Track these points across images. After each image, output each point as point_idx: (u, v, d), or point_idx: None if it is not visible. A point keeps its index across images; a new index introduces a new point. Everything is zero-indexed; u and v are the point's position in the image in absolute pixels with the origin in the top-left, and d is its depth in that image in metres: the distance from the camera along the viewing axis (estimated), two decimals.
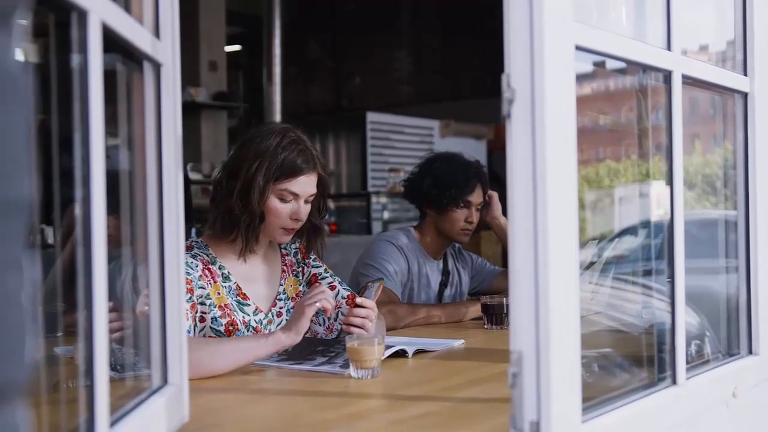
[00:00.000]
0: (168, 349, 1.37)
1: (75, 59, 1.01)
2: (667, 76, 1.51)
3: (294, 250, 2.44)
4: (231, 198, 2.17)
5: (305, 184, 2.22)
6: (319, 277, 2.42)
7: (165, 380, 1.37)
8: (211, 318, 2.16)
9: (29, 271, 0.58)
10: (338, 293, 2.37)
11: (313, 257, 2.45)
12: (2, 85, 0.56)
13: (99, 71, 1.02)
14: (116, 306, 1.25)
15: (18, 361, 0.57)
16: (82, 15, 0.99)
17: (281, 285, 2.36)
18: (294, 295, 2.37)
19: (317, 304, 1.99)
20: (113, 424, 1.09)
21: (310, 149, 2.24)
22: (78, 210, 1.01)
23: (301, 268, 2.42)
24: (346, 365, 1.92)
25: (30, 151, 0.59)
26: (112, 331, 1.36)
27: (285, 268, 2.39)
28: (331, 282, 2.40)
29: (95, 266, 1.00)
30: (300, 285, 2.40)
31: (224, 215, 2.20)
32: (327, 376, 1.91)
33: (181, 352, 1.39)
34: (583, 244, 1.29)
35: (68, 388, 1.42)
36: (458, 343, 2.36)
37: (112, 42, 1.11)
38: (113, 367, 1.23)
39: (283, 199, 2.20)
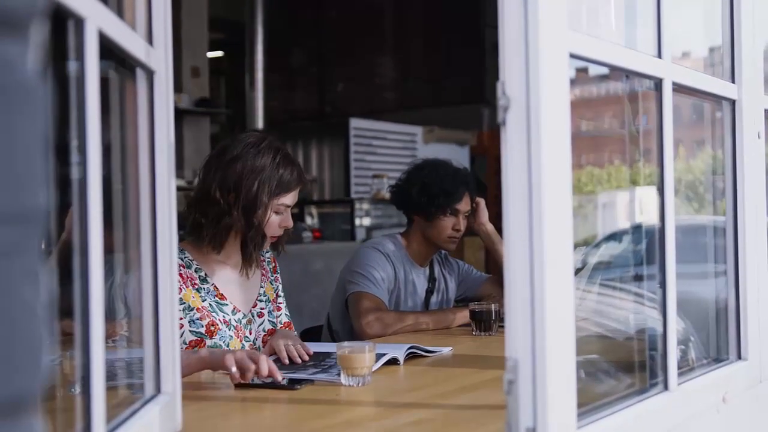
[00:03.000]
0: (161, 358, 1.36)
1: (71, 66, 1.01)
2: (658, 83, 1.52)
3: (268, 259, 2.51)
4: (231, 215, 2.23)
5: (296, 195, 2.33)
6: (279, 292, 2.53)
7: (158, 389, 1.36)
8: (189, 321, 2.20)
9: (45, 282, 0.58)
10: (279, 316, 2.47)
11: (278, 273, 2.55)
12: (20, 95, 0.56)
13: (96, 78, 1.01)
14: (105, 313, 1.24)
15: (35, 372, 0.56)
16: (79, 22, 0.98)
17: (261, 287, 2.43)
18: (272, 299, 2.46)
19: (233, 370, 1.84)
20: None
21: (297, 162, 2.36)
22: (74, 217, 1.00)
23: (274, 277, 2.52)
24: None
25: (46, 161, 0.59)
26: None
27: (264, 272, 2.47)
28: (281, 303, 2.51)
29: (91, 274, 1.00)
30: (274, 292, 2.49)
31: (225, 231, 2.26)
32: (318, 384, 1.90)
33: (175, 362, 1.39)
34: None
35: (58, 396, 1.41)
36: (447, 350, 2.37)
37: (106, 49, 1.10)
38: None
39: (277, 212, 2.29)
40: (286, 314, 2.51)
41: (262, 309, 2.40)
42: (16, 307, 0.54)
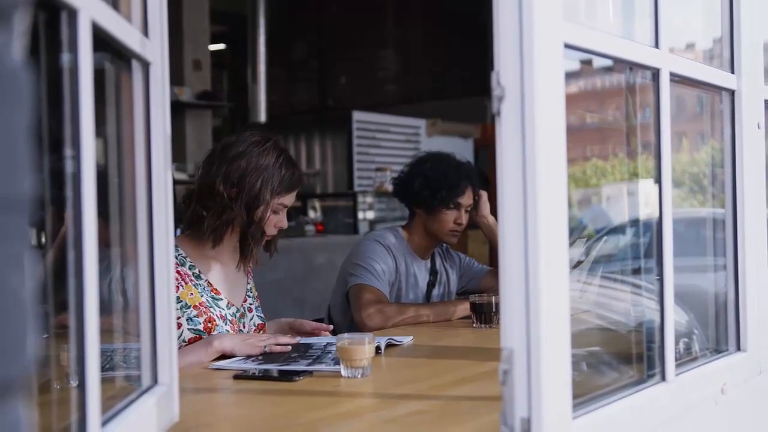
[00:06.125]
0: (158, 349, 1.36)
1: (64, 58, 1.01)
2: (655, 73, 1.52)
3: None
4: (232, 210, 2.26)
5: (294, 197, 2.37)
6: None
7: (155, 380, 1.36)
8: (187, 319, 2.22)
9: (30, 269, 0.59)
10: (252, 318, 2.46)
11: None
12: (4, 84, 0.56)
13: (89, 70, 1.01)
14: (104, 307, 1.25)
15: (20, 358, 0.57)
16: (72, 13, 0.98)
17: (248, 283, 2.48)
18: (256, 296, 2.51)
19: (265, 349, 2.14)
20: (104, 423, 1.09)
21: (298, 165, 2.40)
22: (68, 211, 1.00)
23: (252, 276, 2.55)
24: (337, 362, 1.92)
25: (31, 149, 0.59)
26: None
27: (249, 270, 2.51)
28: (251, 304, 2.50)
29: (86, 267, 1.00)
30: (255, 290, 2.53)
31: (225, 225, 2.28)
32: (317, 375, 1.90)
33: (171, 353, 1.39)
34: (571, 243, 1.29)
35: (55, 389, 1.42)
36: (407, 340, 2.37)
37: (101, 41, 1.10)
38: (102, 367, 1.22)
39: (275, 212, 2.33)
40: (259, 316, 2.52)
41: (250, 304, 2.46)
42: (1, 293, 0.55)
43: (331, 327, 2.49)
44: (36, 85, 0.65)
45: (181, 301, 2.22)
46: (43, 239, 1.38)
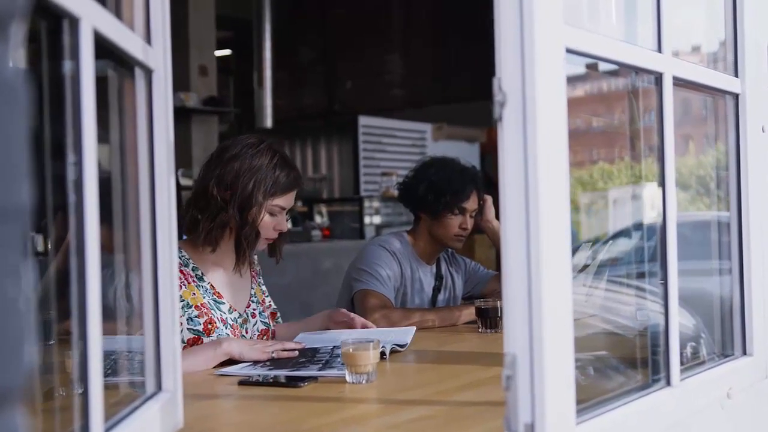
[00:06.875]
0: (162, 356, 1.36)
1: (66, 66, 1.01)
2: (658, 78, 1.52)
3: (256, 261, 2.57)
4: (227, 212, 2.26)
5: (292, 198, 2.37)
6: (265, 292, 2.56)
7: (159, 387, 1.36)
8: (188, 319, 2.23)
9: (27, 278, 0.59)
10: (255, 323, 2.45)
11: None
12: (1, 94, 0.56)
13: (91, 78, 1.01)
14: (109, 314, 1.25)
15: (17, 367, 0.57)
16: (74, 22, 0.98)
17: (252, 288, 2.48)
18: (261, 300, 2.50)
19: (273, 355, 2.14)
20: (108, 430, 1.09)
21: (295, 166, 2.39)
22: (71, 217, 1.01)
23: (261, 281, 2.56)
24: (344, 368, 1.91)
25: (28, 158, 0.59)
26: None
27: (254, 274, 2.51)
28: (269, 300, 2.53)
29: (88, 273, 1.00)
30: (262, 294, 2.53)
31: (220, 227, 2.29)
32: (322, 381, 1.90)
33: (175, 359, 1.39)
34: (576, 247, 1.29)
35: (61, 395, 1.42)
36: (411, 332, 2.40)
37: (103, 48, 1.10)
38: (105, 373, 1.22)
39: (272, 214, 2.33)
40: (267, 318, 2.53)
41: (254, 310, 2.46)
42: None
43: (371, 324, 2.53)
44: (36, 93, 0.65)
45: (183, 300, 2.23)
46: (49, 246, 1.39)
